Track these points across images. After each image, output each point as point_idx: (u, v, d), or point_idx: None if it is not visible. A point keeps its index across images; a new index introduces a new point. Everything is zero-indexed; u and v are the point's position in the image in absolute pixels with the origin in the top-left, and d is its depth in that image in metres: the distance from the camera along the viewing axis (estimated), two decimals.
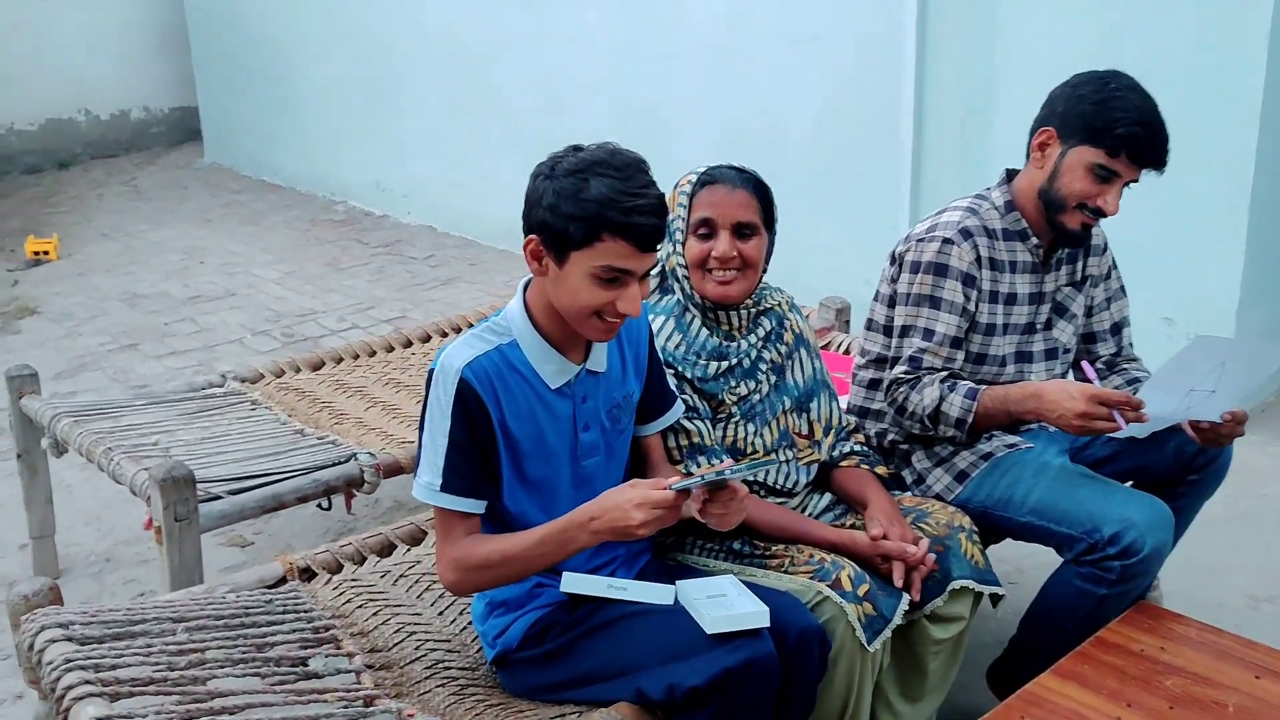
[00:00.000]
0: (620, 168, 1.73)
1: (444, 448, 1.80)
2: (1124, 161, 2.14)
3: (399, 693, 1.94)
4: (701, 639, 1.74)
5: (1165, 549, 2.09)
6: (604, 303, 1.75)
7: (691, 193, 2.10)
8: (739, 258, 2.06)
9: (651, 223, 1.71)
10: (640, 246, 1.72)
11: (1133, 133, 2.11)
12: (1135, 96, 2.14)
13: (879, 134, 4.46)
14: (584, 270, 1.73)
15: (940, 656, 2.13)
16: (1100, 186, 2.16)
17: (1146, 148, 2.12)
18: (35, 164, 8.87)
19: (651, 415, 2.04)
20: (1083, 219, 2.20)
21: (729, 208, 2.06)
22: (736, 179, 2.09)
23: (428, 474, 1.82)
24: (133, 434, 2.93)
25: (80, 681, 1.72)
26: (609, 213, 1.69)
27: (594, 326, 1.79)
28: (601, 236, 1.70)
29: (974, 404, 2.18)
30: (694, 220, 2.08)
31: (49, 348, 5.17)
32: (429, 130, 6.70)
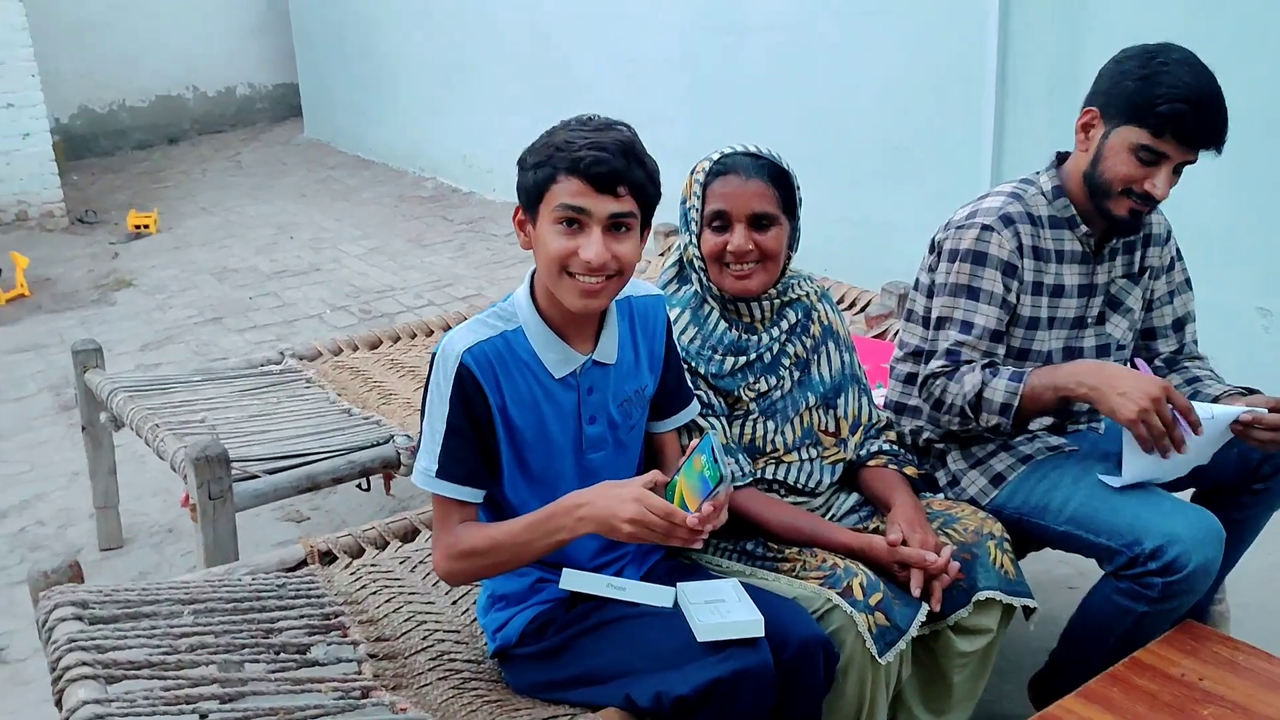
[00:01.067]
0: (585, 121, 1.74)
1: (442, 433, 1.77)
2: (1170, 142, 1.96)
3: (398, 684, 1.92)
4: (694, 646, 1.67)
5: (1212, 566, 1.93)
6: (568, 251, 1.70)
7: (705, 183, 2.01)
8: (756, 250, 1.97)
9: (601, 157, 1.66)
10: (594, 185, 1.67)
11: (1177, 110, 1.93)
12: (1183, 71, 1.95)
13: (958, 110, 4.27)
14: (549, 218, 1.71)
15: (966, 670, 2.01)
16: (1146, 169, 1.99)
17: (1194, 127, 1.95)
18: (146, 140, 9.18)
19: (667, 411, 1.97)
20: (1130, 205, 2.03)
21: (743, 199, 1.97)
22: (751, 167, 1.98)
23: (425, 459, 1.79)
24: (183, 410, 2.98)
25: (78, 663, 1.74)
26: (562, 152, 1.68)
27: (568, 287, 1.73)
28: (557, 178, 1.69)
29: (1020, 385, 2.03)
30: (708, 213, 1.99)
31: (140, 320, 5.34)
32: (510, 107, 6.70)
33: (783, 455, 2.08)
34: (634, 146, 1.72)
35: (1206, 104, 1.94)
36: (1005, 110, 4.13)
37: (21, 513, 3.63)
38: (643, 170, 1.72)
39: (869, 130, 4.55)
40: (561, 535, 1.70)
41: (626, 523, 1.63)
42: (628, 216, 1.71)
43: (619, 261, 1.72)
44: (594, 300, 1.74)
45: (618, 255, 1.71)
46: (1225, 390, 2.17)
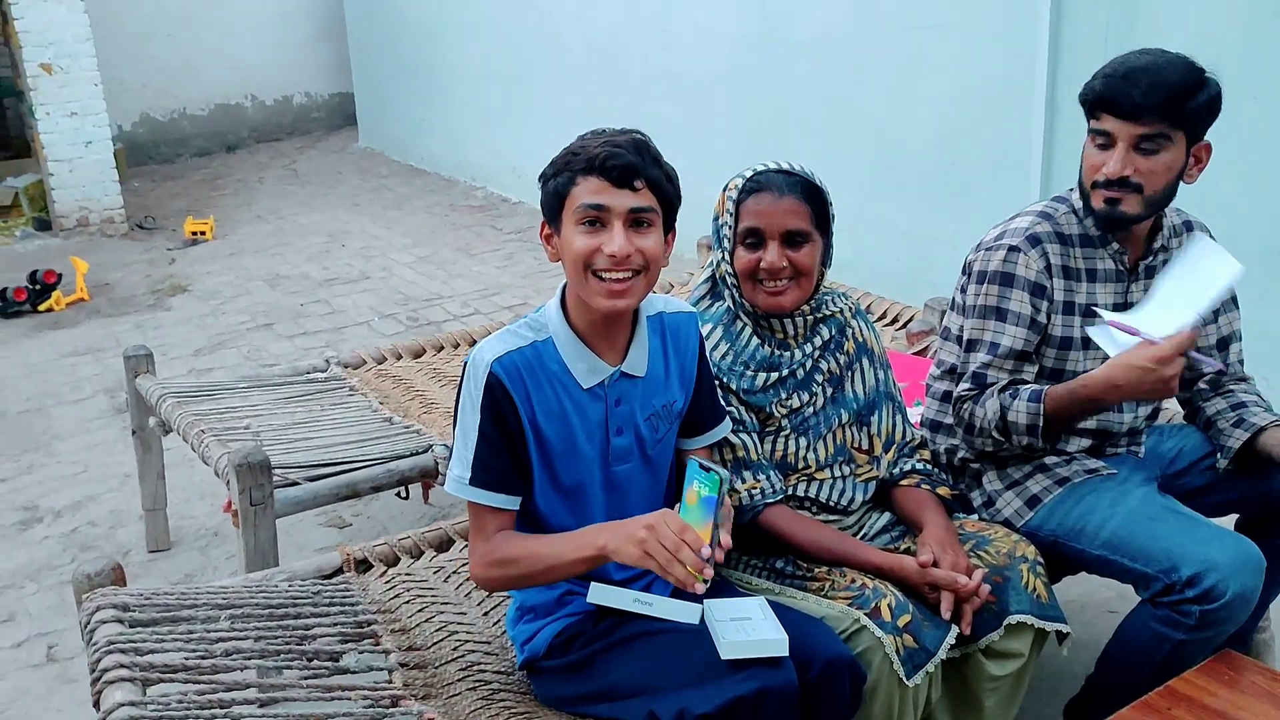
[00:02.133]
0: (600, 131, 1.77)
1: (474, 441, 1.79)
2: (1107, 118, 1.97)
3: (428, 694, 1.94)
4: (718, 664, 1.67)
5: (1251, 595, 1.89)
6: (591, 250, 1.72)
7: (738, 200, 2.01)
8: (790, 267, 1.97)
9: (616, 153, 1.70)
10: (611, 180, 1.70)
11: (1104, 81, 1.96)
12: (1134, 55, 1.98)
13: (1008, 125, 4.23)
14: (571, 221, 1.74)
15: (997, 694, 1.99)
16: (1104, 155, 2.00)
17: (1119, 96, 1.94)
18: (205, 147, 9.37)
19: (700, 429, 1.97)
20: (1102, 194, 2.02)
21: (776, 216, 1.97)
22: (784, 185, 1.98)
23: (458, 467, 1.81)
24: (229, 416, 3.04)
25: (116, 665, 1.78)
26: (577, 156, 1.72)
27: (595, 288, 1.74)
28: (575, 180, 1.72)
29: (1039, 406, 2.01)
30: (741, 230, 1.99)
31: (193, 325, 5.45)
32: (562, 118, 6.74)
33: (815, 472, 2.07)
34: (648, 145, 1.76)
35: (1133, 72, 1.95)
36: (1055, 126, 4.09)
37: (75, 513, 3.72)
38: (658, 168, 1.75)
39: (920, 145, 4.53)
40: (585, 553, 1.70)
41: (643, 529, 1.62)
42: (648, 211, 1.73)
43: (643, 255, 1.73)
44: (621, 300, 1.75)
45: (641, 249, 1.73)
46: (1273, 420, 2.13)
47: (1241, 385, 2.24)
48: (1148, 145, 1.97)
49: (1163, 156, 1.97)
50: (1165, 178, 1.99)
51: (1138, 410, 2.21)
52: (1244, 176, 3.46)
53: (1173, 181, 2.01)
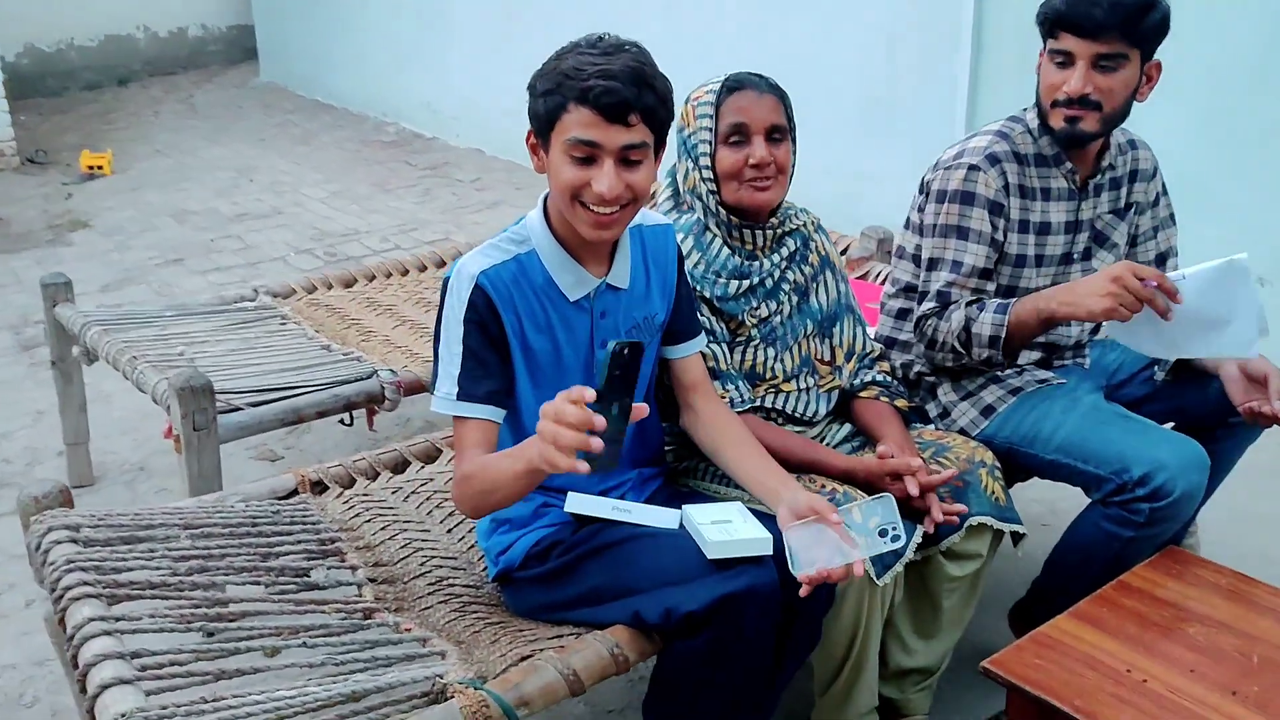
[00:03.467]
0: (595, 44, 1.69)
1: (459, 355, 1.75)
2: (1067, 37, 2.02)
3: (399, 607, 1.92)
4: (703, 564, 1.69)
5: (1197, 493, 1.99)
6: (580, 182, 1.68)
7: (716, 101, 2.01)
8: (774, 163, 1.98)
9: (612, 86, 1.63)
10: (605, 115, 1.64)
11: (1067, 3, 1.99)
12: None
13: (934, 60, 4.29)
14: (560, 149, 1.69)
15: (956, 594, 2.06)
16: (1063, 73, 2.05)
17: (1082, 13, 1.98)
18: (95, 80, 8.93)
19: (681, 337, 1.97)
20: (1063, 113, 2.08)
21: (761, 111, 1.98)
22: (762, 84, 2.01)
23: (445, 384, 1.77)
24: (160, 344, 2.94)
25: (79, 583, 1.73)
26: (571, 81, 1.65)
27: (582, 218, 1.72)
28: (567, 107, 1.66)
29: (1005, 317, 2.07)
30: (724, 128, 1.99)
31: (97, 261, 5.23)
32: (479, 53, 6.61)
33: (781, 384, 2.10)
34: (644, 70, 1.69)
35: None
36: (980, 61, 4.17)
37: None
38: (654, 94, 1.69)
39: (847, 80, 4.56)
40: (519, 466, 1.58)
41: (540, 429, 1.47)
42: (640, 147, 1.70)
43: (632, 191, 1.71)
44: (607, 231, 1.74)
45: (631, 185, 1.70)
46: None
47: None
48: (1106, 63, 2.02)
49: (1120, 74, 2.03)
50: (1123, 95, 2.05)
51: (1084, 324, 2.29)
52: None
53: (1128, 99, 2.07)
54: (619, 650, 1.71)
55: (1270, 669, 1.71)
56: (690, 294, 1.98)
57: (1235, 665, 1.73)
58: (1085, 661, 1.73)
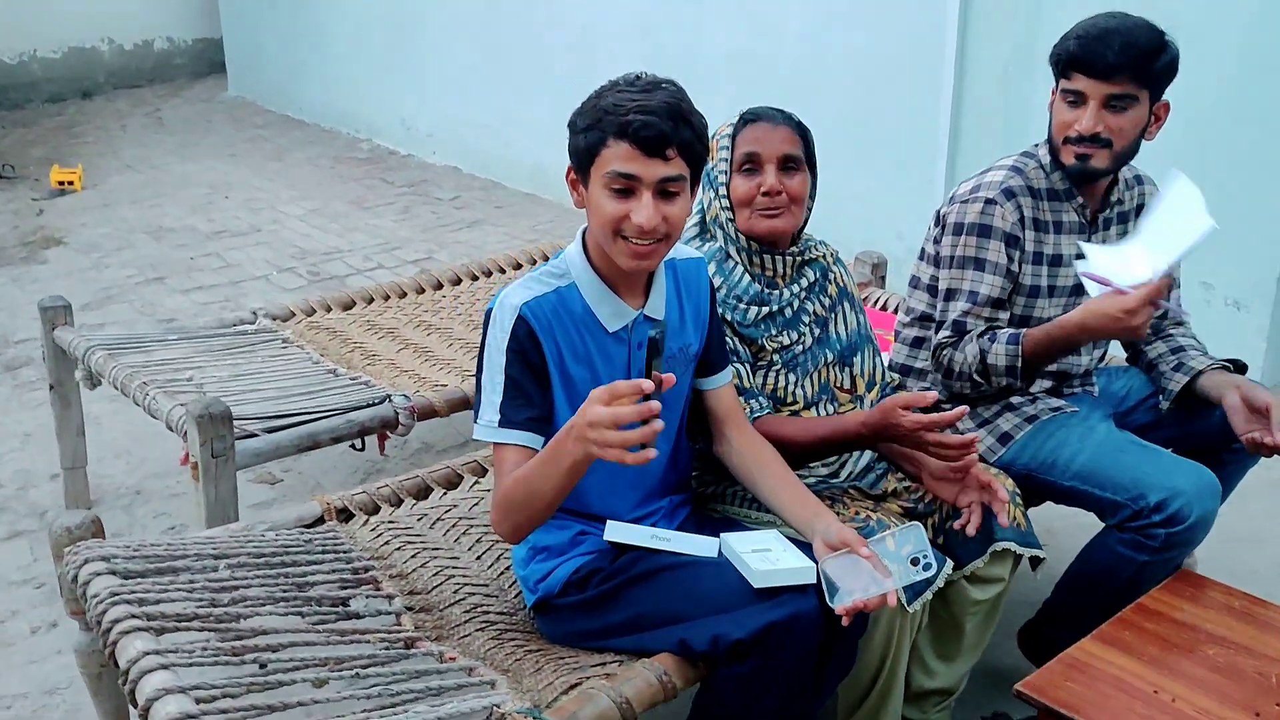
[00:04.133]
0: (634, 81, 1.76)
1: (501, 384, 1.79)
2: (1079, 78, 2.11)
3: (439, 635, 1.94)
4: (745, 592, 1.73)
5: (1211, 518, 2.07)
6: (620, 215, 1.74)
7: (734, 133, 2.10)
8: (785, 193, 2.04)
9: (650, 121, 1.69)
10: (643, 149, 1.70)
11: (1078, 42, 2.09)
12: (1101, 19, 2.10)
13: (918, 84, 4.38)
14: (600, 183, 1.74)
15: (977, 618, 2.13)
16: (1075, 112, 2.13)
17: (1093, 55, 2.07)
18: (58, 93, 8.82)
19: (713, 369, 2.02)
20: (1074, 150, 2.17)
21: (774, 142, 2.06)
22: (778, 116, 2.10)
23: (488, 413, 1.80)
24: (166, 369, 2.93)
25: (127, 615, 1.73)
26: (610, 116, 1.71)
27: (621, 249, 1.77)
28: (607, 142, 1.72)
29: (1018, 347, 2.14)
30: (738, 157, 2.07)
31: (76, 278, 5.17)
32: (457, 70, 6.62)
33: (801, 410, 2.15)
34: (680, 106, 1.75)
35: (1106, 34, 2.08)
36: (963, 88, 4.27)
37: None
38: (690, 129, 1.75)
39: (830, 102, 4.64)
40: (571, 459, 1.62)
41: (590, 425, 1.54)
42: (677, 180, 1.75)
43: (668, 224, 1.76)
44: (645, 261, 1.79)
45: (668, 217, 1.75)
46: (1209, 364, 2.31)
47: (1180, 329, 2.42)
48: (1116, 103, 2.10)
49: (1130, 114, 2.11)
50: (1132, 134, 2.13)
51: (1093, 353, 2.37)
52: None
53: (1138, 138, 2.16)
54: (667, 677, 1.74)
55: None
56: (721, 327, 2.03)
57: (1255, 685, 1.80)
58: (1114, 683, 1.80)
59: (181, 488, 3.45)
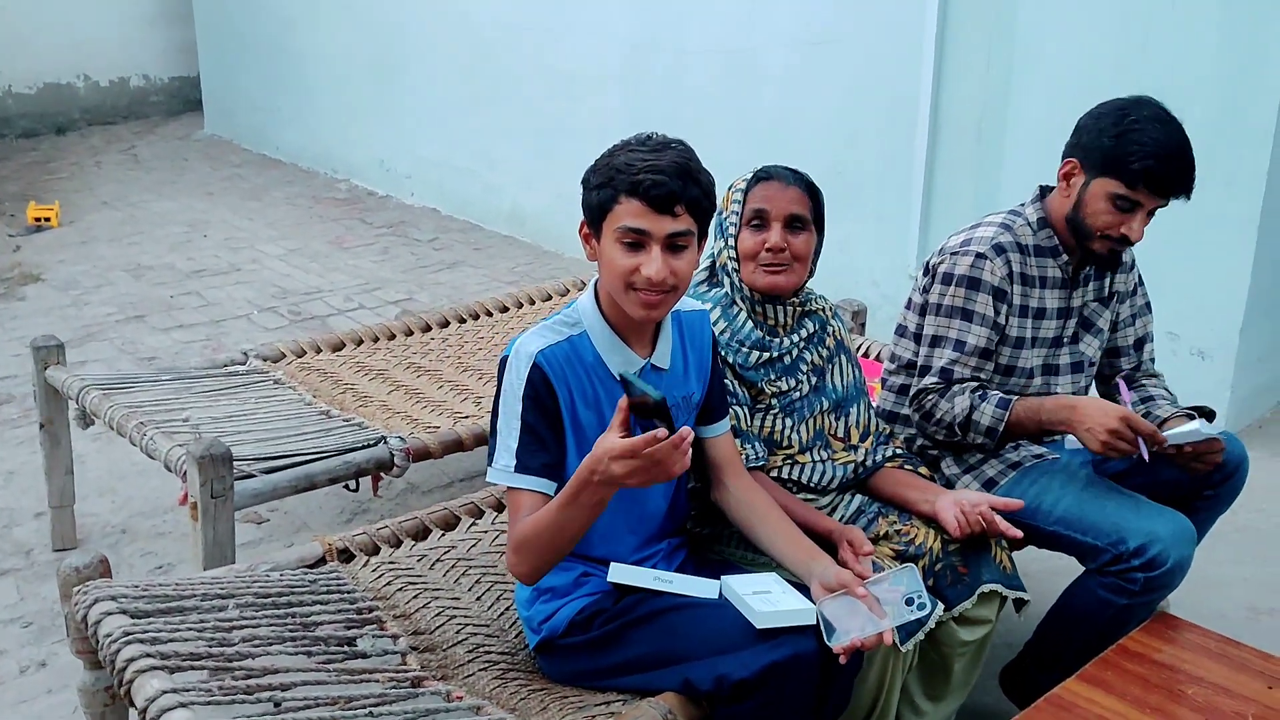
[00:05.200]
0: (645, 141, 1.85)
1: (517, 430, 1.85)
2: (1143, 192, 2.20)
3: (444, 675, 1.98)
4: (747, 633, 1.79)
5: (1187, 563, 2.16)
6: (631, 268, 1.82)
7: (746, 188, 2.19)
8: (788, 251, 2.13)
9: (659, 180, 1.78)
10: (653, 206, 1.79)
11: (1147, 167, 2.16)
12: (1154, 129, 2.18)
13: (893, 138, 4.51)
14: (612, 238, 1.83)
15: (965, 658, 2.19)
16: (1123, 216, 2.23)
17: (1164, 180, 2.18)
18: (32, 128, 8.82)
19: (714, 416, 2.09)
20: (1110, 245, 2.27)
21: (782, 201, 2.15)
22: (790, 177, 2.19)
23: (504, 458, 1.86)
24: (161, 409, 2.96)
25: (142, 654, 1.76)
26: (622, 175, 1.80)
27: (632, 300, 1.85)
28: (619, 199, 1.81)
29: (1006, 413, 2.25)
30: (748, 212, 2.16)
31: (55, 315, 5.17)
32: (436, 112, 6.70)
33: (797, 455, 2.23)
34: (689, 166, 1.84)
35: (1176, 158, 2.18)
36: (937, 142, 4.40)
37: None
38: (698, 188, 1.84)
39: (808, 154, 4.74)
40: (588, 499, 1.71)
41: (625, 476, 1.65)
42: (685, 234, 1.84)
43: (676, 276, 1.84)
44: (655, 311, 1.87)
45: (675, 270, 1.84)
46: (1174, 412, 2.41)
47: (1153, 380, 2.53)
48: (1154, 211, 2.24)
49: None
50: None
51: None
52: None
53: None
54: (671, 716, 1.79)
55: None
56: (721, 375, 2.10)
57: None
58: None
59: (167, 526, 3.46)
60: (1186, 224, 3.77)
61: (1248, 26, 3.58)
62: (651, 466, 1.64)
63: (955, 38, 4.27)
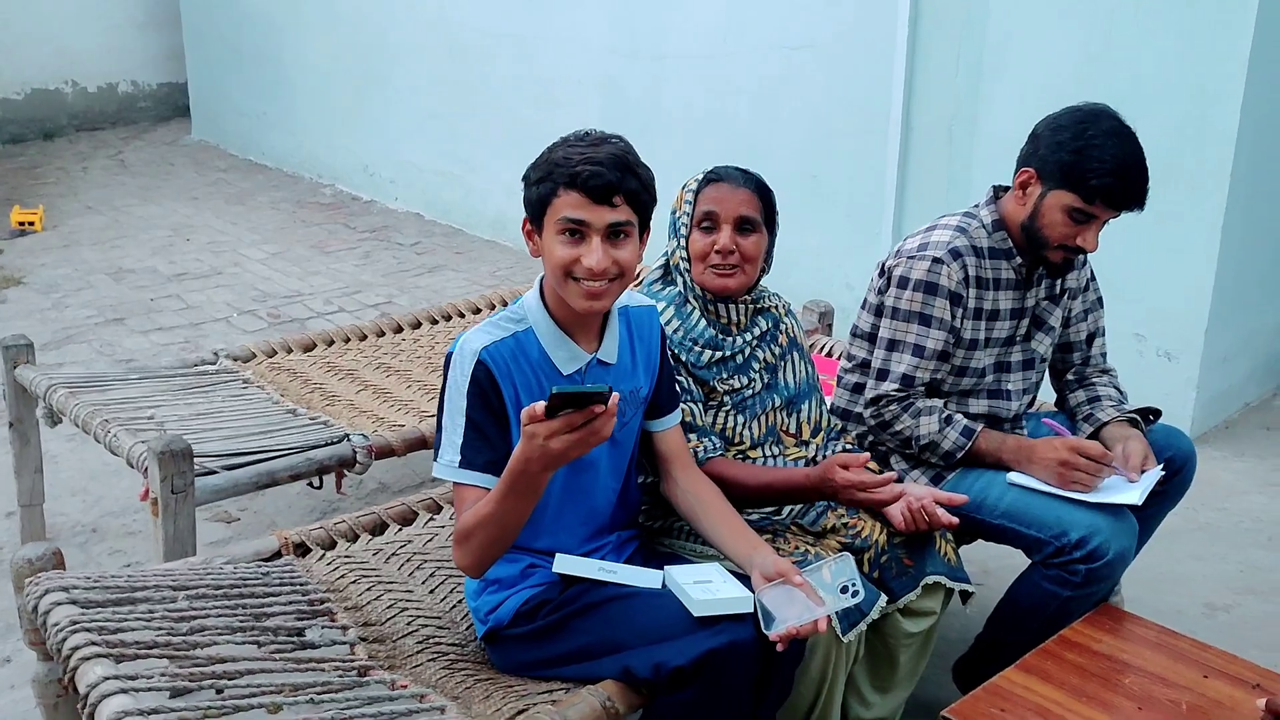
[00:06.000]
0: (584, 136, 1.88)
1: (462, 426, 1.87)
2: (1099, 206, 2.23)
3: (392, 665, 2.01)
4: (687, 621, 1.82)
5: (1129, 555, 2.19)
6: (571, 259, 1.84)
7: (697, 189, 2.21)
8: (738, 253, 2.15)
9: (597, 171, 1.81)
10: (591, 197, 1.82)
11: (1106, 184, 2.19)
12: (1113, 144, 2.20)
13: (866, 143, 4.55)
14: (553, 230, 1.85)
15: (911, 649, 2.22)
16: (1078, 228, 2.26)
17: (1121, 194, 2.21)
18: (19, 134, 8.84)
19: (662, 411, 2.12)
20: (1064, 255, 2.31)
21: (732, 204, 2.16)
22: (740, 178, 2.20)
23: (449, 453, 1.89)
24: (128, 407, 2.98)
25: (87, 643, 1.78)
26: (561, 168, 1.83)
27: (574, 291, 1.87)
28: (558, 192, 1.84)
29: (969, 443, 2.32)
30: (698, 214, 2.18)
31: (35, 318, 5.19)
32: (419, 118, 6.74)
33: (748, 450, 2.25)
34: (627, 158, 1.87)
35: (1132, 174, 2.21)
36: (909, 146, 4.44)
37: None
38: (636, 180, 1.87)
39: (784, 159, 4.80)
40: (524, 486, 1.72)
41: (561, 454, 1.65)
42: (625, 225, 1.86)
43: (619, 265, 1.87)
44: (598, 301, 1.89)
45: (618, 260, 1.86)
46: (1114, 417, 2.44)
47: (1104, 378, 2.56)
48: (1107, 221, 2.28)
49: None
50: None
51: (1022, 399, 2.49)
52: None
53: None
54: (610, 703, 1.82)
55: (1197, 715, 1.90)
56: (671, 369, 2.13)
57: (1167, 712, 1.91)
58: (1036, 710, 1.90)
59: (137, 525, 3.48)
60: (1151, 226, 3.80)
61: (1209, 30, 3.62)
62: (588, 436, 1.65)
63: (926, 42, 4.31)
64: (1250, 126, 3.65)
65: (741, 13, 4.91)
